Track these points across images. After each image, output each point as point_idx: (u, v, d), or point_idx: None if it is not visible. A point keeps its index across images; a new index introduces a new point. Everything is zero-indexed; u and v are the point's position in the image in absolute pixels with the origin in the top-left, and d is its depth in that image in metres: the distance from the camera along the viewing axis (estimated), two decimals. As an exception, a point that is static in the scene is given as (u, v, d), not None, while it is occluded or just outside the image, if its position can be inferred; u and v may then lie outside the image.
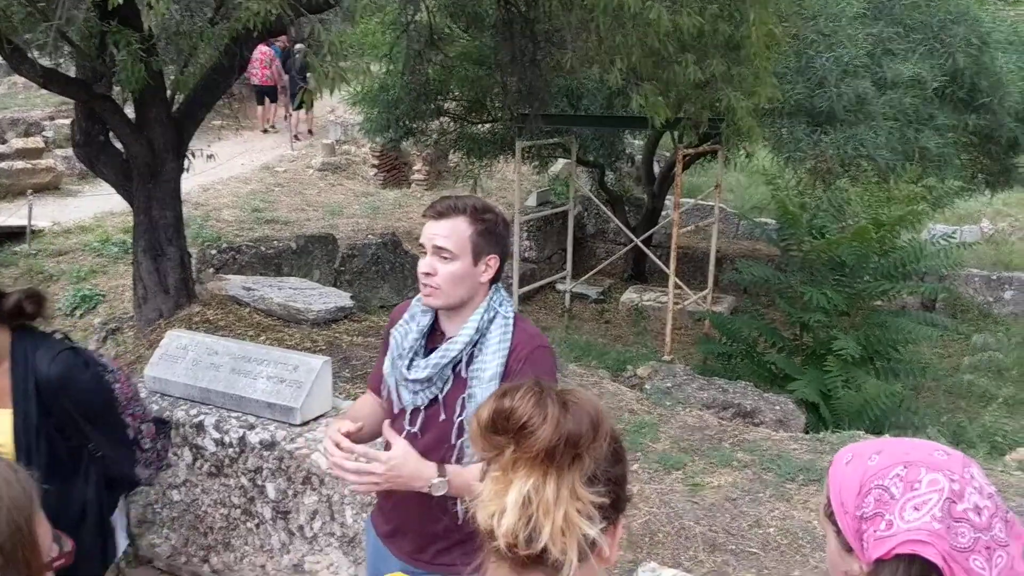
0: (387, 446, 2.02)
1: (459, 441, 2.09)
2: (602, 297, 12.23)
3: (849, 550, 1.28)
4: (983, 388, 9.63)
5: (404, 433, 2.15)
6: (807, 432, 6.12)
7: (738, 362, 8.56)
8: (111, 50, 5.54)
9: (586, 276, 12.27)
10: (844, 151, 8.25)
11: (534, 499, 1.08)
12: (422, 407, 2.15)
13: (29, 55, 5.63)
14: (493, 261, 2.14)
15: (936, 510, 1.18)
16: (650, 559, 3.65)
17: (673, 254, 9.66)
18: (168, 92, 6.19)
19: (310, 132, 17.06)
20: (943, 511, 1.18)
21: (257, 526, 3.49)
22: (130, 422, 2.53)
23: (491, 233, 2.12)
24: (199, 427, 3.51)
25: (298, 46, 14.26)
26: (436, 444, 2.11)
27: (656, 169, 13.00)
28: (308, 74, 4.37)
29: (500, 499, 1.10)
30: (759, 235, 9.71)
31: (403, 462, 1.93)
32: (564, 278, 12.13)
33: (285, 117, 16.89)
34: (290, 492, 3.35)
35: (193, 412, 3.57)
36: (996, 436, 7.53)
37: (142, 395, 3.07)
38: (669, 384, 7.26)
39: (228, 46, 5.73)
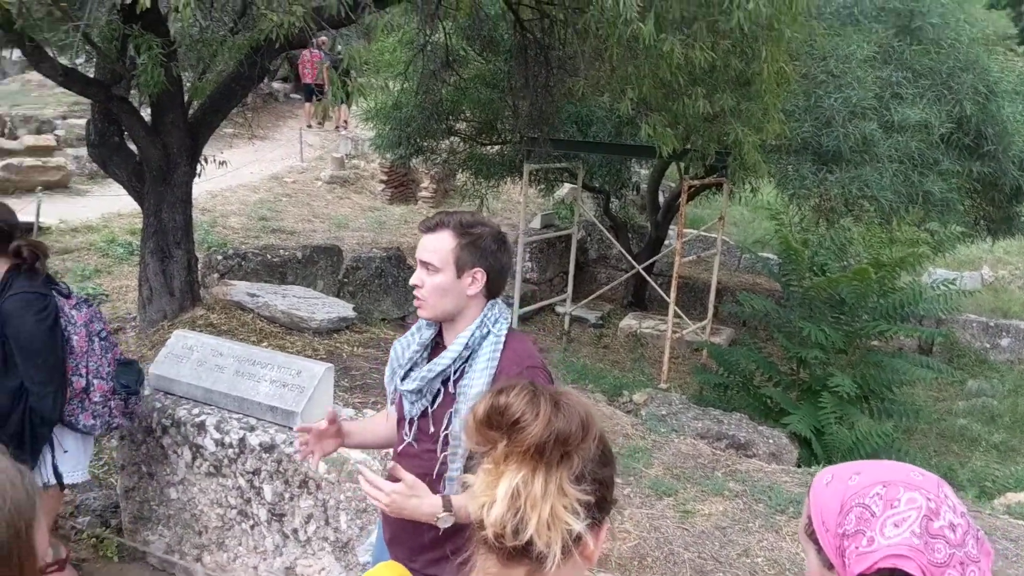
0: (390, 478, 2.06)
1: (442, 454, 2.15)
2: (601, 322, 12.28)
3: (830, 567, 1.34)
4: (975, 433, 9.66)
5: (403, 443, 2.24)
6: (799, 466, 6.16)
7: (734, 394, 8.60)
8: (132, 53, 5.65)
9: (586, 300, 12.34)
10: (849, 191, 8.34)
11: (523, 492, 1.13)
12: (416, 417, 2.22)
13: (50, 54, 5.73)
14: (479, 275, 2.19)
15: (915, 527, 1.25)
16: (638, 581, 3.69)
17: (674, 283, 9.73)
18: (185, 97, 6.29)
19: (345, 123, 18.17)
20: (921, 528, 1.24)
21: (252, 527, 3.53)
22: (83, 372, 3.05)
23: (475, 247, 2.17)
24: (200, 427, 3.56)
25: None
26: (427, 454, 2.18)
27: (661, 198, 13.11)
28: (328, 83, 4.45)
29: (491, 490, 1.15)
30: (761, 269, 9.78)
31: (403, 498, 1.98)
32: (564, 301, 12.19)
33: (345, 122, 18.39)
34: (287, 495, 3.40)
35: (195, 412, 3.62)
36: (986, 481, 7.57)
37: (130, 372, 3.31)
38: (664, 412, 7.30)
39: (247, 56, 5.83)
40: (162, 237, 6.32)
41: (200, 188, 12.22)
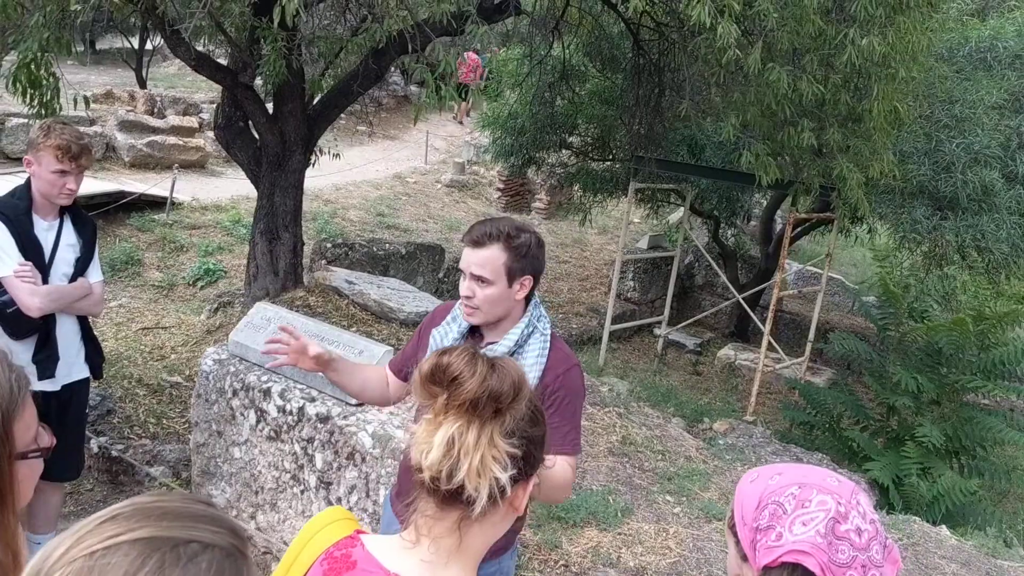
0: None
1: None
2: (699, 349, 12.18)
3: (745, 559, 1.44)
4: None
5: None
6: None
7: (820, 434, 8.45)
8: (260, 44, 6.06)
9: (683, 324, 12.27)
10: (962, 238, 8.07)
11: (457, 441, 1.29)
12: None
13: (185, 39, 6.21)
14: (527, 281, 2.36)
15: (821, 526, 1.34)
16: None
17: (771, 315, 9.60)
18: (305, 90, 6.67)
19: (468, 114, 20.07)
20: (827, 528, 1.33)
21: (302, 492, 3.77)
22: None
23: (524, 256, 2.33)
24: (266, 393, 3.83)
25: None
26: None
27: (776, 230, 12.91)
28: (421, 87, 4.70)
29: (430, 438, 1.31)
30: (857, 309, 9.53)
31: None
32: (661, 323, 12.16)
33: (468, 113, 20.22)
34: (335, 465, 3.62)
35: (264, 378, 3.89)
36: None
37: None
38: (743, 443, 7.25)
39: (366, 57, 6.16)
40: (272, 219, 6.71)
41: (327, 180, 12.83)
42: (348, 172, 13.82)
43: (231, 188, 12.19)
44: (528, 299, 2.42)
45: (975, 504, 6.91)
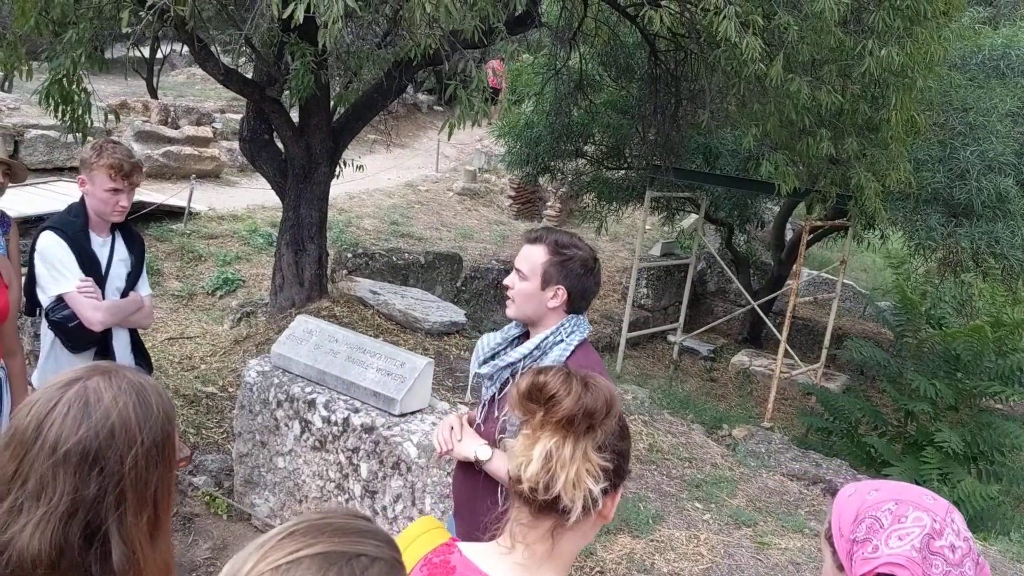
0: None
1: (498, 436, 2.42)
2: (713, 355, 12.26)
3: (841, 568, 1.52)
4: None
5: (475, 424, 2.53)
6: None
7: (837, 440, 8.50)
8: (287, 59, 6.15)
9: (698, 331, 12.34)
10: (977, 245, 8.15)
11: (554, 455, 1.38)
12: (487, 401, 2.51)
13: (214, 54, 6.30)
14: (561, 292, 2.44)
15: (916, 541, 1.41)
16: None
17: (787, 322, 9.67)
18: (331, 103, 6.76)
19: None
20: (922, 544, 1.41)
21: (347, 501, 3.85)
22: None
23: (563, 267, 2.43)
24: (311, 404, 3.91)
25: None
26: (490, 435, 2.45)
27: (788, 236, 12.99)
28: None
29: (528, 452, 1.40)
30: (874, 316, 9.60)
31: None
32: (676, 330, 12.23)
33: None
34: (380, 474, 3.70)
35: (308, 390, 3.98)
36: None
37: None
38: (763, 449, 7.31)
39: (390, 70, 6.25)
40: (298, 231, 6.80)
41: (339, 189, 12.90)
42: (361, 181, 13.86)
43: (246, 197, 12.28)
44: (569, 312, 2.49)
45: (995, 509, 6.97)
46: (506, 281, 2.50)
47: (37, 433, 1.22)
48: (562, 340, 2.44)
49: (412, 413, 3.80)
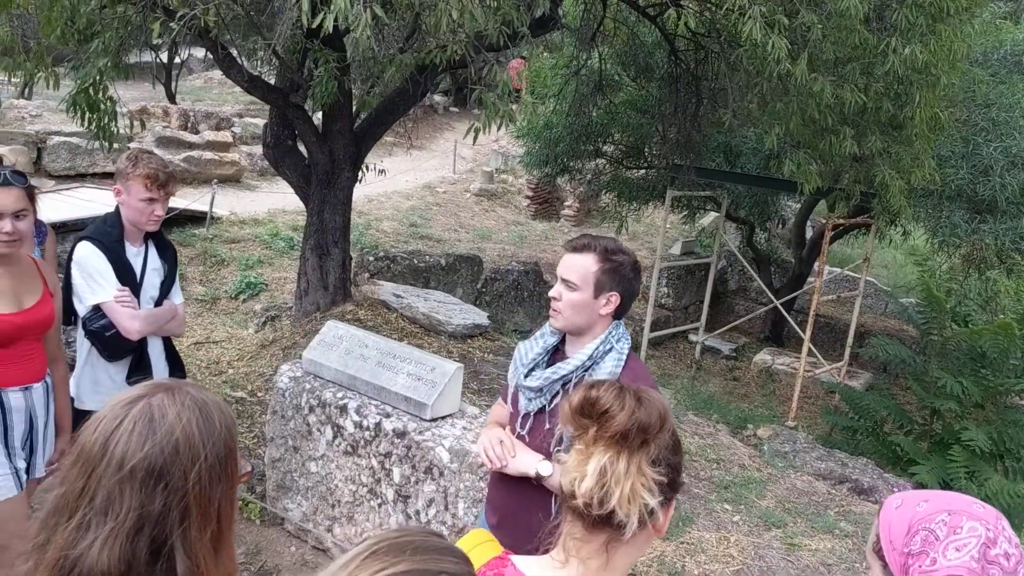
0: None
1: (555, 449, 2.40)
2: (734, 354, 12.23)
3: None
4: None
5: (515, 434, 2.51)
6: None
7: (863, 438, 8.45)
8: (310, 65, 6.18)
9: (720, 330, 12.31)
10: (1002, 242, 8.09)
11: (608, 470, 1.38)
12: (532, 413, 2.49)
13: (238, 61, 6.33)
14: (614, 298, 2.43)
15: (974, 552, 1.42)
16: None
17: (810, 321, 9.63)
18: (353, 108, 6.79)
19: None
20: (979, 553, 1.42)
21: (379, 506, 3.87)
22: None
23: (616, 273, 2.42)
24: (343, 409, 3.94)
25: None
26: (538, 447, 2.44)
27: (809, 234, 12.94)
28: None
29: (582, 467, 1.40)
30: (899, 314, 9.55)
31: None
32: (697, 329, 12.21)
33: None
34: (412, 479, 3.72)
35: (339, 395, 4.00)
36: None
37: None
38: (788, 449, 7.28)
39: (412, 74, 6.27)
40: (322, 235, 6.84)
41: (359, 192, 12.90)
42: (379, 183, 13.88)
43: (267, 201, 12.35)
44: (615, 318, 2.50)
45: (1022, 506, 6.91)
46: (552, 293, 2.45)
47: (104, 450, 1.24)
48: (612, 348, 2.44)
49: (443, 418, 3.82)
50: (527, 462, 2.39)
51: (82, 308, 3.32)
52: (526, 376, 2.49)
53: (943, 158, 8.11)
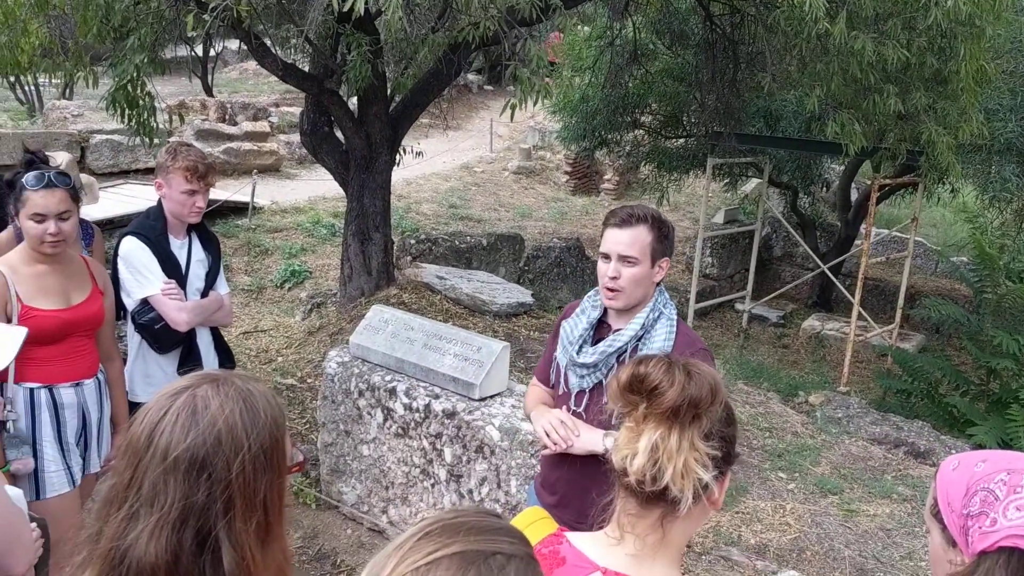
0: None
1: (616, 423, 2.38)
2: (782, 321, 12.08)
3: (953, 544, 1.48)
4: None
5: (570, 412, 2.48)
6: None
7: (917, 401, 8.32)
8: (343, 50, 6.18)
9: (767, 298, 12.16)
10: (1056, 195, 7.88)
11: (660, 447, 1.36)
12: (587, 389, 2.46)
13: (272, 50, 6.35)
14: (665, 263, 2.43)
15: None
16: (791, 569, 3.78)
17: (859, 284, 9.46)
18: (388, 91, 6.78)
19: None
20: None
21: (432, 486, 3.89)
22: None
23: (666, 239, 2.41)
24: (392, 392, 3.96)
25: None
26: (596, 424, 2.41)
27: (853, 196, 12.71)
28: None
29: (633, 445, 1.38)
30: (951, 273, 9.35)
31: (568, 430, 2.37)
32: (744, 298, 12.07)
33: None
34: (464, 458, 3.74)
35: (388, 378, 4.02)
36: None
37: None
38: (841, 414, 7.18)
39: (445, 53, 6.24)
40: (363, 221, 6.86)
41: (397, 175, 12.93)
42: (417, 166, 13.94)
43: (307, 190, 12.44)
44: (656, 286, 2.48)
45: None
46: (611, 273, 2.36)
47: (149, 441, 1.25)
48: (660, 314, 2.42)
49: (491, 397, 3.82)
50: (594, 439, 2.35)
51: (130, 302, 3.37)
52: (578, 352, 2.46)
53: (991, 111, 7.89)
